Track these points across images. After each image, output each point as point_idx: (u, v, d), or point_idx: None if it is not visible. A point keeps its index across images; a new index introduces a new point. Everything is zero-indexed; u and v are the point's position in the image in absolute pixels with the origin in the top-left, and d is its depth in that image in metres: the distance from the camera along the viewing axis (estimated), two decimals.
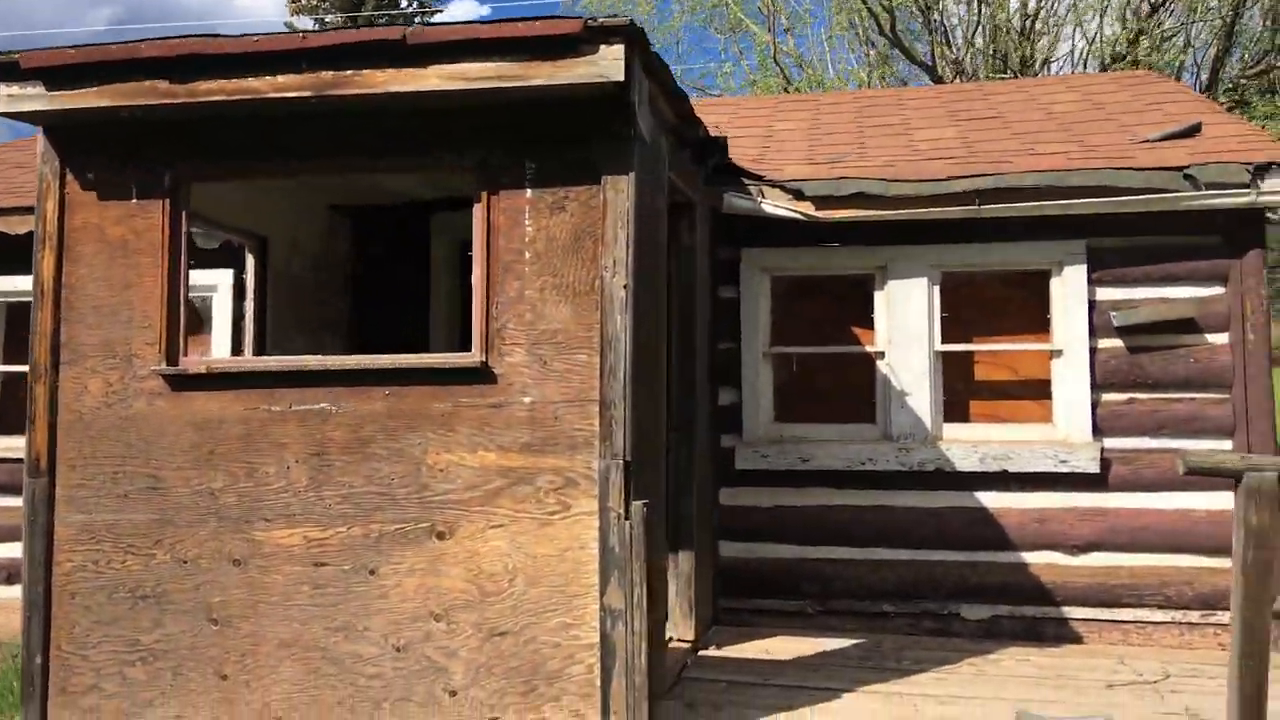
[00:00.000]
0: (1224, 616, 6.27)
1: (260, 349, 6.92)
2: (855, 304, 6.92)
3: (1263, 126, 13.10)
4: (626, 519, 4.13)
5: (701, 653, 5.96)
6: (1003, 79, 18.96)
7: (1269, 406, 6.30)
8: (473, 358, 4.33)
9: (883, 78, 22.08)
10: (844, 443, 6.70)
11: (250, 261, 7.01)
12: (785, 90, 21.62)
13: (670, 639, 5.95)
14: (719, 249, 6.86)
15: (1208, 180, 6.17)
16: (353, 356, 4.54)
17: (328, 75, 4.17)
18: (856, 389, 6.88)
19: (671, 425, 6.03)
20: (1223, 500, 6.27)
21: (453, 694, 4.25)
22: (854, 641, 6.28)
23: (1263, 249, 6.31)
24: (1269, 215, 6.30)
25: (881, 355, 6.72)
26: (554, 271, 4.29)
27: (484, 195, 4.41)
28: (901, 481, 6.64)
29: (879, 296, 6.75)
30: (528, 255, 4.33)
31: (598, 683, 4.13)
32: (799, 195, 6.52)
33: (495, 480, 4.29)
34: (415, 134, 4.48)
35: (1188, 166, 6.20)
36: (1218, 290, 6.39)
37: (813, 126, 8.30)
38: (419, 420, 4.35)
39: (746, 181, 6.62)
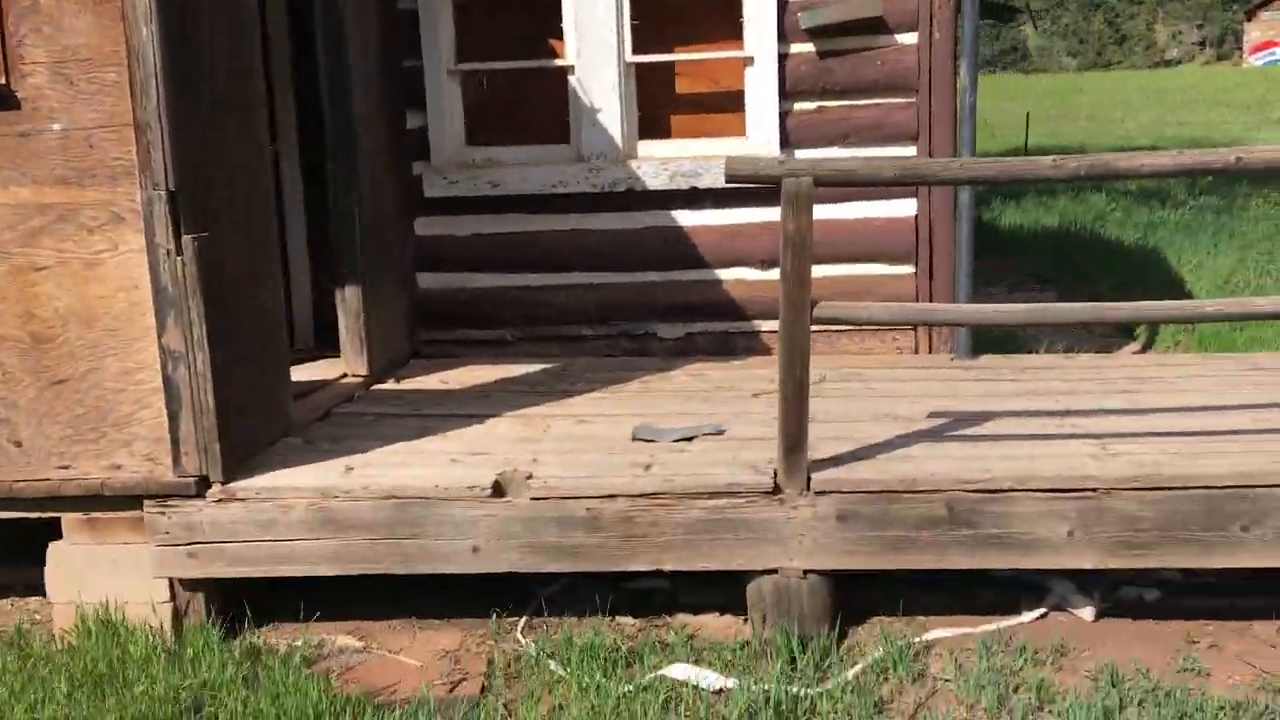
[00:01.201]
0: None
1: None
2: (547, 13, 6.45)
3: None
4: (179, 255, 3.83)
5: (377, 386, 5.86)
6: None
7: (950, 109, 6.20)
8: None
9: None
10: (536, 165, 6.42)
11: None
12: None
13: (344, 375, 5.85)
14: None
15: None
16: None
17: None
18: (551, 107, 6.54)
19: (328, 155, 5.67)
20: (907, 207, 6.28)
21: (18, 445, 4.05)
22: (543, 366, 6.26)
23: None
24: None
25: (572, 70, 6.35)
26: None
27: None
28: (596, 203, 6.44)
29: (567, 4, 6.29)
30: None
31: (167, 426, 3.97)
32: None
33: (34, 219, 3.92)
34: None
35: None
36: None
37: None
38: None
39: None
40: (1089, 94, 45.39)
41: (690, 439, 4.68)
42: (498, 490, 4.09)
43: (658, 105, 6.65)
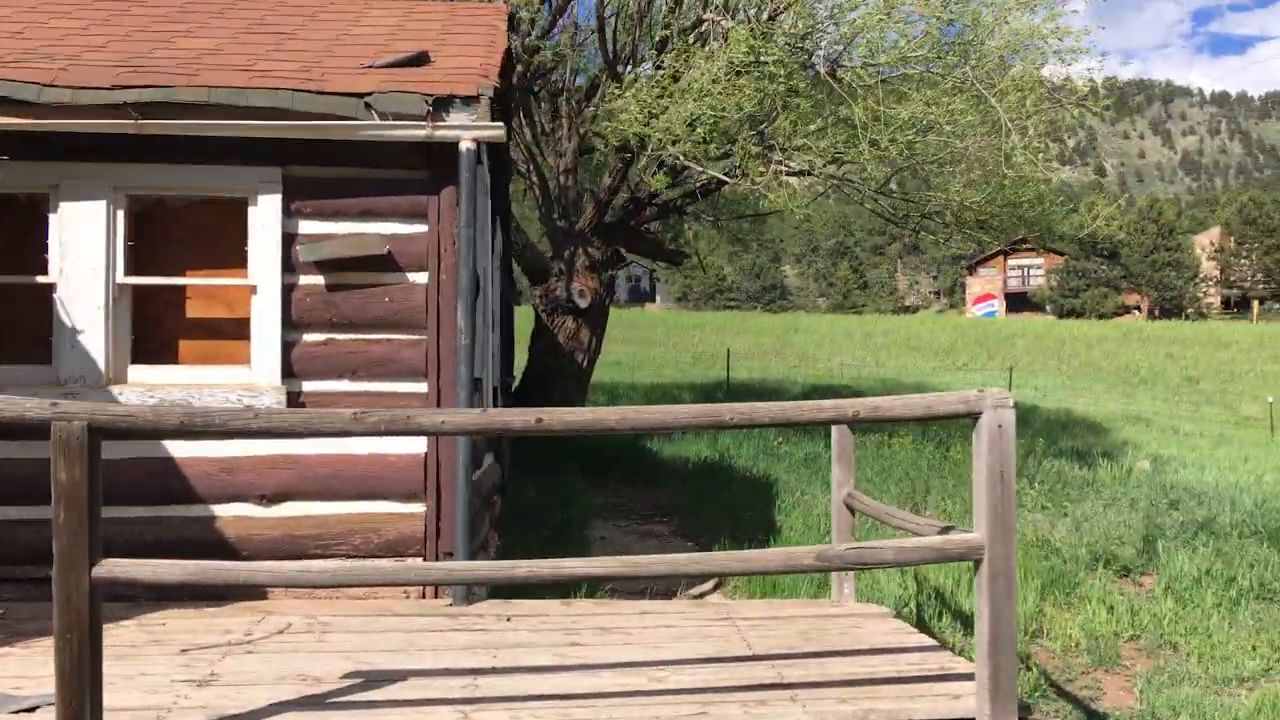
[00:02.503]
0: (416, 562, 6.06)
1: None
2: (36, 228, 6.06)
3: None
4: None
5: None
6: None
7: (453, 348, 6.11)
8: None
9: None
10: (9, 387, 5.85)
11: None
12: None
13: None
14: None
15: (389, 110, 5.82)
16: None
17: None
18: (37, 326, 6.06)
19: None
20: (417, 445, 6.05)
21: None
22: None
23: (458, 186, 6.06)
24: (463, 149, 6.02)
25: (55, 288, 5.92)
26: None
27: None
28: None
29: (53, 220, 5.93)
30: None
31: None
32: None
33: None
34: None
35: (370, 94, 5.82)
36: (420, 228, 6.10)
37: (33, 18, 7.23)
38: None
39: None
40: (807, 334, 48.73)
41: (34, 709, 4.06)
42: None
43: (163, 328, 6.29)
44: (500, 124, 5.91)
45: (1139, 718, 5.76)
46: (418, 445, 6.05)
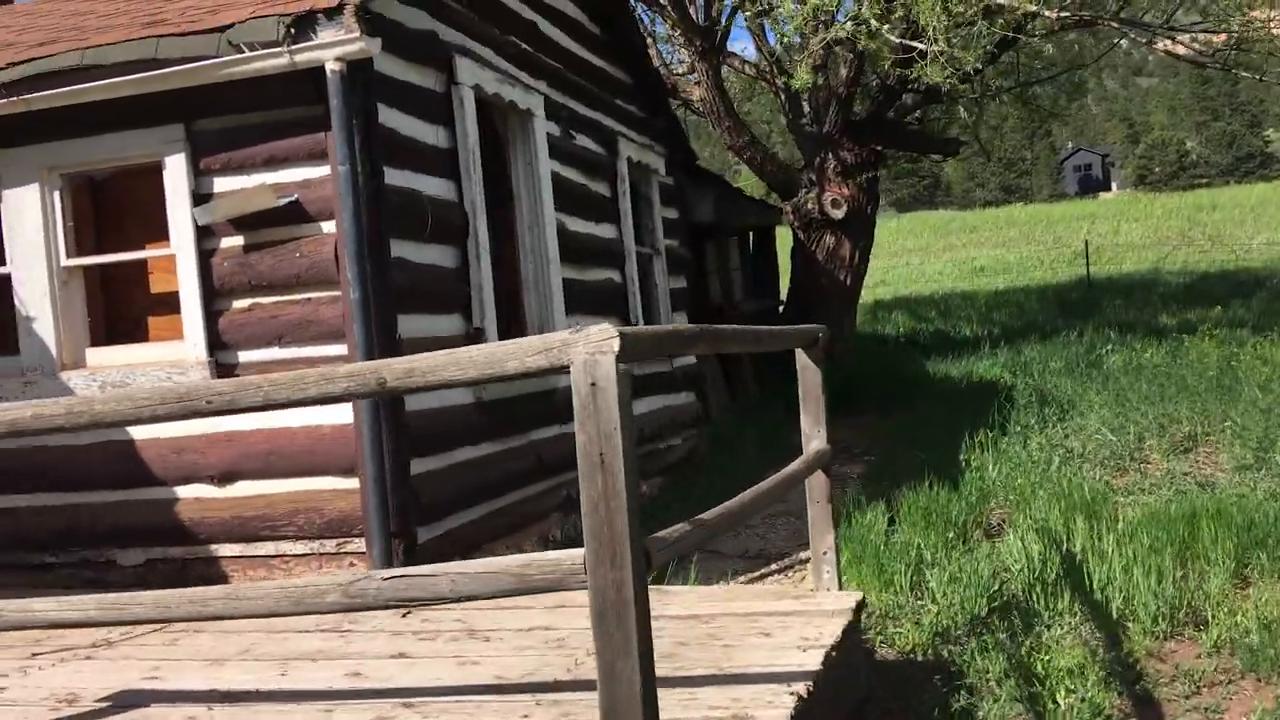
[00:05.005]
0: (360, 544, 5.47)
1: None
2: None
3: None
4: None
5: None
6: None
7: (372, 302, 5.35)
8: None
9: None
10: None
11: None
12: None
13: None
14: None
15: (249, 41, 5.14)
16: None
17: None
18: (7, 316, 6.11)
19: None
20: (343, 413, 5.41)
21: None
22: None
23: (368, 118, 5.25)
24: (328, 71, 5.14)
25: (9, 277, 5.92)
26: None
27: None
28: None
29: (3, 209, 5.91)
30: None
31: None
32: None
33: None
34: None
35: (230, 27, 5.17)
36: (324, 170, 5.39)
37: None
38: None
39: None
40: (1224, 212, 41.87)
41: None
42: None
43: (121, 308, 6.11)
44: (361, 38, 5.00)
45: None
46: (344, 413, 5.39)
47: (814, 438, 4.50)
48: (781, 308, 15.96)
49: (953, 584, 5.46)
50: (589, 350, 2.38)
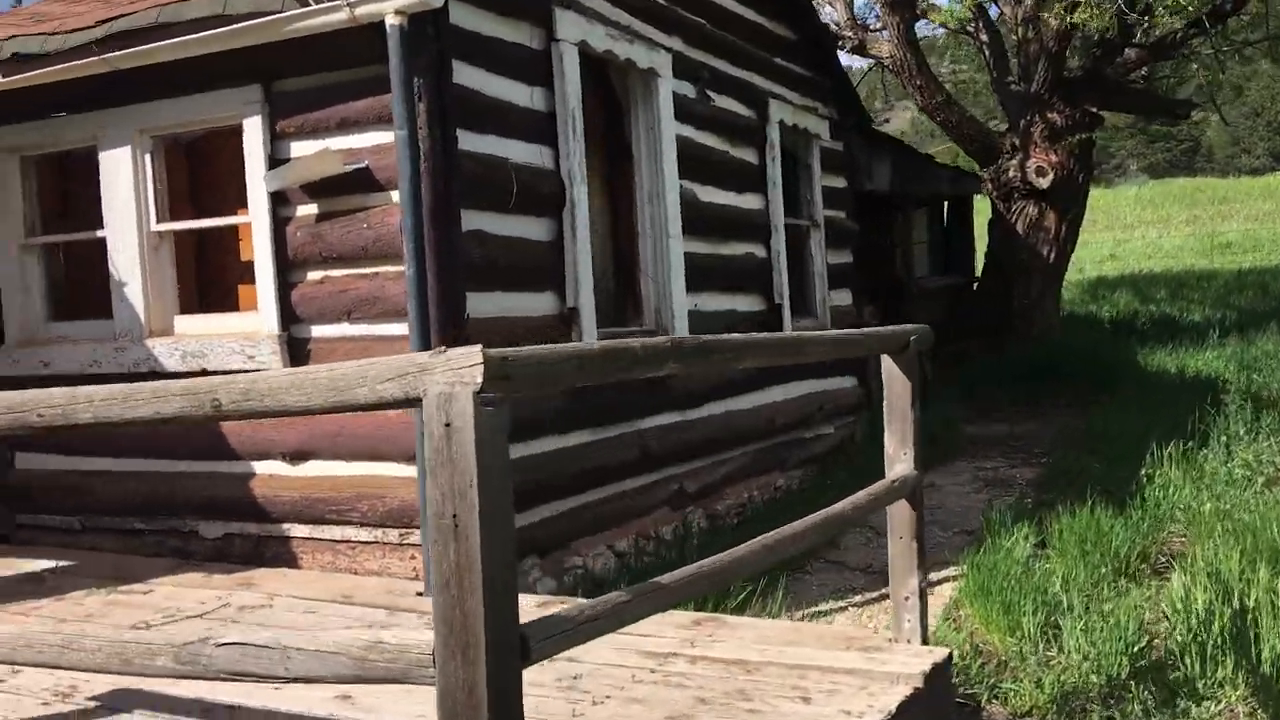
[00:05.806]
0: (419, 535, 5.12)
1: None
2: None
3: None
4: None
5: None
6: None
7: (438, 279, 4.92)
8: None
9: None
10: (79, 342, 5.95)
11: None
12: None
13: None
14: None
15: None
16: None
17: None
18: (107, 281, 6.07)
19: None
20: None
21: None
22: (55, 564, 5.66)
23: (439, 77, 4.83)
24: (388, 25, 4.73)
25: (106, 241, 5.85)
26: None
27: None
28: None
29: (101, 173, 5.83)
30: None
31: None
32: None
33: None
34: None
35: None
36: (393, 135, 4.99)
37: None
38: None
39: None
40: None
41: None
42: None
43: (210, 275, 5.95)
44: None
45: None
46: None
47: (898, 460, 3.76)
48: (975, 285, 14.73)
49: (1088, 634, 4.58)
50: (446, 380, 1.81)
